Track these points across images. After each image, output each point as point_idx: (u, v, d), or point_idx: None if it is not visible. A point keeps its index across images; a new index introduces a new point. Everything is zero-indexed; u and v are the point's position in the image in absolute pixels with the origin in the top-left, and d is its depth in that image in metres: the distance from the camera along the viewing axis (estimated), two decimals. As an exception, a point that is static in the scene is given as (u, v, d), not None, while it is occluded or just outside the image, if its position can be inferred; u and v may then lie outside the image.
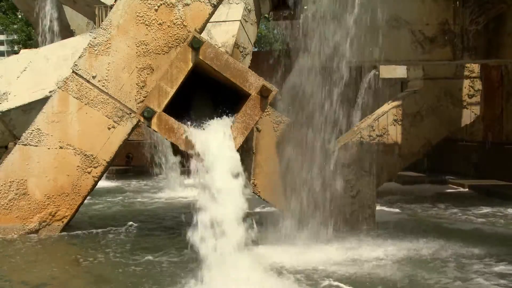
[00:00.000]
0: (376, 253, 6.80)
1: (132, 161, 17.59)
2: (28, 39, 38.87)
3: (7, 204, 7.82)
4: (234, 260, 5.51)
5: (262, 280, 5.44)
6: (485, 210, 10.30)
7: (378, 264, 6.34)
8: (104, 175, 9.65)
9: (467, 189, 13.37)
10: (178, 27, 7.80)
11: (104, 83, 7.88)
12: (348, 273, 5.96)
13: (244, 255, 5.60)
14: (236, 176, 6.04)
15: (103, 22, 8.06)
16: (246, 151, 7.80)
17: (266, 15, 14.43)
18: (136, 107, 7.77)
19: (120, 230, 8.26)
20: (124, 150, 13.68)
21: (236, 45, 13.26)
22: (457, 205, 10.84)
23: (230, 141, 6.40)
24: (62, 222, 7.95)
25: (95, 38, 7.94)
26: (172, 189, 13.44)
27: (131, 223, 8.59)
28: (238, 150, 6.54)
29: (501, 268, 6.18)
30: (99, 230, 8.19)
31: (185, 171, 14.36)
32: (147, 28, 7.80)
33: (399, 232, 7.86)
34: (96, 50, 7.88)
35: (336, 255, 6.72)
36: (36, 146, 7.90)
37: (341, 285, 5.40)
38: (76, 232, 8.04)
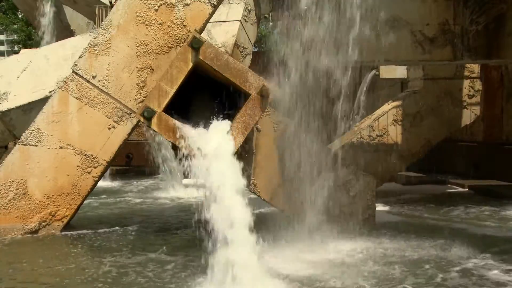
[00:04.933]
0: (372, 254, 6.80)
1: (132, 161, 17.58)
2: (28, 39, 38.87)
3: (7, 204, 7.81)
4: (238, 263, 5.47)
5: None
6: (485, 210, 10.28)
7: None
8: (104, 175, 9.66)
9: (467, 189, 13.34)
10: (178, 27, 7.79)
11: (104, 83, 7.88)
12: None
13: (246, 258, 5.56)
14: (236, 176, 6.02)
15: (103, 22, 8.06)
16: (246, 151, 7.80)
17: (266, 15, 14.44)
18: (136, 107, 7.77)
19: (119, 230, 8.26)
20: (124, 150, 13.67)
21: (236, 45, 13.27)
22: (457, 205, 10.83)
23: (230, 143, 6.36)
24: (62, 222, 7.95)
25: (95, 38, 7.94)
26: (172, 189, 13.43)
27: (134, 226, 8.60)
28: (238, 150, 6.53)
29: (489, 272, 6.07)
30: (99, 230, 8.19)
31: (185, 171, 14.37)
32: (147, 28, 7.80)
33: (398, 233, 7.87)
34: (96, 50, 7.88)
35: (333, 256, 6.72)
36: (36, 146, 7.89)
37: None
38: (76, 232, 8.03)
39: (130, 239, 7.75)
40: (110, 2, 14.05)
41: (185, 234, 8.05)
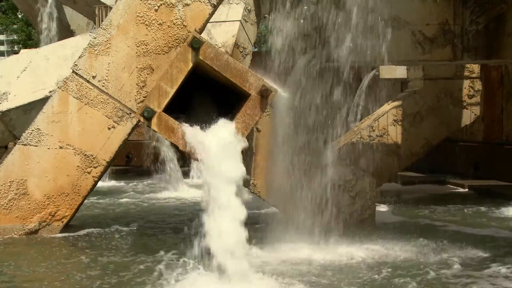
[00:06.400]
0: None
1: (132, 161, 17.58)
2: (28, 39, 38.89)
3: (7, 204, 7.82)
4: (232, 263, 5.48)
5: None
6: (484, 210, 10.29)
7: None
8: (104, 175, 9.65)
9: (467, 189, 13.35)
10: (178, 27, 7.80)
11: (104, 83, 7.88)
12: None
13: (242, 259, 5.56)
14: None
15: (103, 22, 8.06)
16: (246, 151, 7.80)
17: (266, 15, 14.44)
18: (136, 107, 7.77)
19: (118, 230, 8.26)
20: (124, 150, 13.68)
21: (236, 45, 13.26)
22: (456, 205, 10.83)
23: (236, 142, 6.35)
24: (62, 222, 7.95)
25: (95, 38, 7.94)
26: (172, 190, 13.43)
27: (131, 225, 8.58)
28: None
29: (486, 272, 6.04)
30: (98, 230, 8.19)
31: (185, 171, 14.37)
32: (147, 28, 7.80)
33: (398, 233, 7.87)
34: (96, 50, 7.88)
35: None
36: (36, 146, 7.90)
37: None
38: (76, 232, 8.03)
39: (128, 239, 7.74)
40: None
41: (185, 234, 8.03)
